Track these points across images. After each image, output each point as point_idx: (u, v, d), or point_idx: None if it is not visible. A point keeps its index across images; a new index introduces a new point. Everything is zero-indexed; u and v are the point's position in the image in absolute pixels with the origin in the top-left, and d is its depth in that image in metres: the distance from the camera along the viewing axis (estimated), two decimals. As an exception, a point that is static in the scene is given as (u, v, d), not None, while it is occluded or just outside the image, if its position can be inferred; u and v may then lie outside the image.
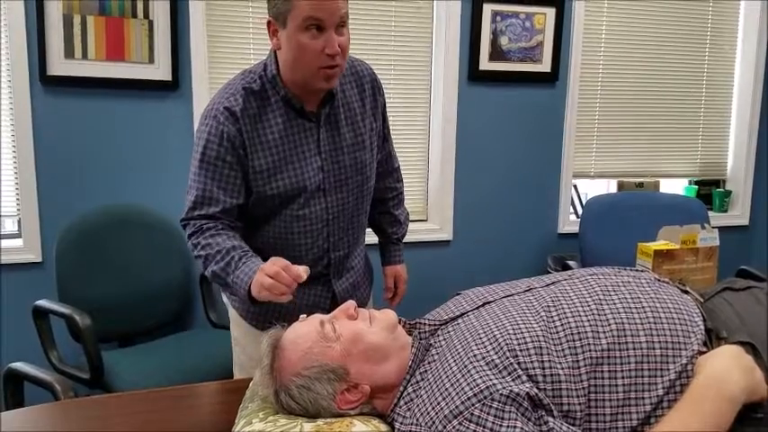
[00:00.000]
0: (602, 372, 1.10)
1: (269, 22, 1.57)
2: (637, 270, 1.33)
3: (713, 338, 1.17)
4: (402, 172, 2.05)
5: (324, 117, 1.67)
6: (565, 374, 1.09)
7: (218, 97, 1.63)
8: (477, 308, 1.26)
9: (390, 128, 1.93)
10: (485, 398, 1.05)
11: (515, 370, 1.08)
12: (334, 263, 1.78)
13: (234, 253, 1.55)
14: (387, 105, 1.87)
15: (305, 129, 1.66)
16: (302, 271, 1.42)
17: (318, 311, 1.44)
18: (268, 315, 1.71)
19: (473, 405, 1.05)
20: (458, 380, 1.09)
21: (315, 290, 1.77)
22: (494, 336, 1.14)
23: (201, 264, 1.61)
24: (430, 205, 3.32)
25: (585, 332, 1.13)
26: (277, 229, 1.70)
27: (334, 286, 1.79)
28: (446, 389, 1.10)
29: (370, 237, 1.99)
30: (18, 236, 2.74)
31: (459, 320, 1.25)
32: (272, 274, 1.42)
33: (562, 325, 1.15)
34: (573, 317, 1.15)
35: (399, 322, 1.29)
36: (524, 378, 1.08)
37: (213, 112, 1.61)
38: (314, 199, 1.68)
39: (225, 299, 1.89)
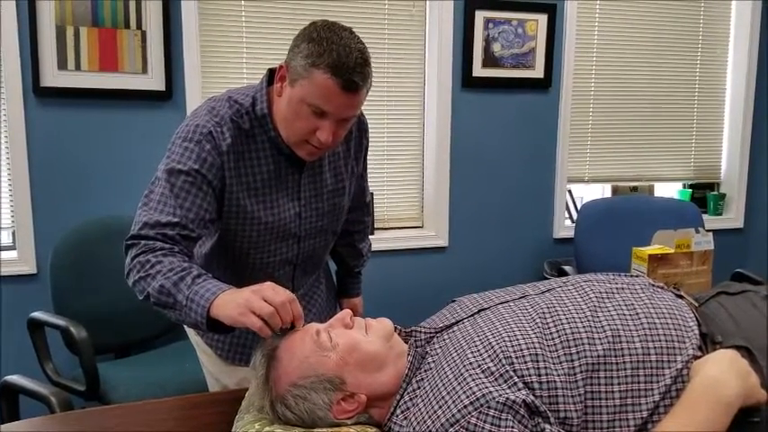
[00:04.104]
0: (599, 378, 1.10)
1: (281, 67, 1.44)
2: (631, 276, 1.33)
3: (708, 343, 1.17)
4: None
5: (308, 162, 1.56)
6: (561, 381, 1.09)
7: (203, 121, 1.47)
8: (473, 315, 1.26)
9: (368, 166, 1.83)
10: (481, 405, 1.05)
11: (511, 377, 1.08)
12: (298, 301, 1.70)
13: (192, 270, 1.32)
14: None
15: (287, 173, 1.55)
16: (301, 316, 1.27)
17: None
18: (233, 344, 1.68)
19: (469, 413, 1.05)
20: (454, 387, 1.09)
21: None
22: (489, 343, 1.14)
23: (142, 283, 1.34)
24: (425, 212, 3.32)
25: (581, 338, 1.13)
26: (242, 273, 1.56)
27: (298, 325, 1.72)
28: (442, 397, 1.09)
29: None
30: (13, 248, 2.73)
31: (455, 328, 1.25)
32: (278, 305, 1.21)
33: (558, 331, 1.15)
34: (568, 324, 1.15)
35: (395, 330, 1.29)
36: (520, 385, 1.08)
37: (197, 135, 1.45)
38: (287, 246, 1.60)
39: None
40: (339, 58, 1.34)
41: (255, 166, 1.51)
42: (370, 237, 2.01)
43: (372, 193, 1.94)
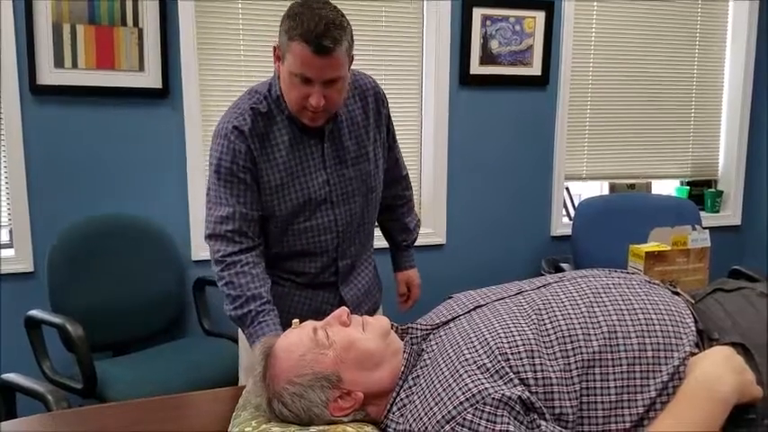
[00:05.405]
0: (594, 374, 1.10)
1: (275, 48, 1.62)
2: (628, 272, 1.33)
3: (705, 340, 1.17)
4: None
5: (327, 133, 1.71)
6: (556, 377, 1.09)
7: (227, 117, 1.69)
8: (469, 312, 1.26)
9: (396, 135, 1.95)
10: (477, 402, 1.05)
11: (507, 374, 1.08)
12: (341, 271, 1.82)
13: (252, 306, 1.61)
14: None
15: (309, 145, 1.71)
16: None
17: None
18: None
19: (465, 410, 1.05)
20: (450, 384, 1.09)
21: (322, 295, 1.82)
22: (485, 340, 1.14)
23: (224, 296, 1.68)
24: (423, 209, 3.32)
25: (577, 334, 1.13)
26: (288, 240, 1.75)
27: (341, 292, 1.83)
28: (438, 394, 1.09)
29: (379, 240, 2.03)
30: (10, 246, 2.73)
31: (451, 324, 1.24)
32: None
33: (553, 328, 1.14)
34: (564, 319, 1.15)
35: (392, 327, 1.29)
36: (516, 382, 1.07)
37: (223, 131, 1.67)
38: (321, 211, 1.73)
39: None
40: (309, 26, 1.50)
41: (280, 143, 1.68)
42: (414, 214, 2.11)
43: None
